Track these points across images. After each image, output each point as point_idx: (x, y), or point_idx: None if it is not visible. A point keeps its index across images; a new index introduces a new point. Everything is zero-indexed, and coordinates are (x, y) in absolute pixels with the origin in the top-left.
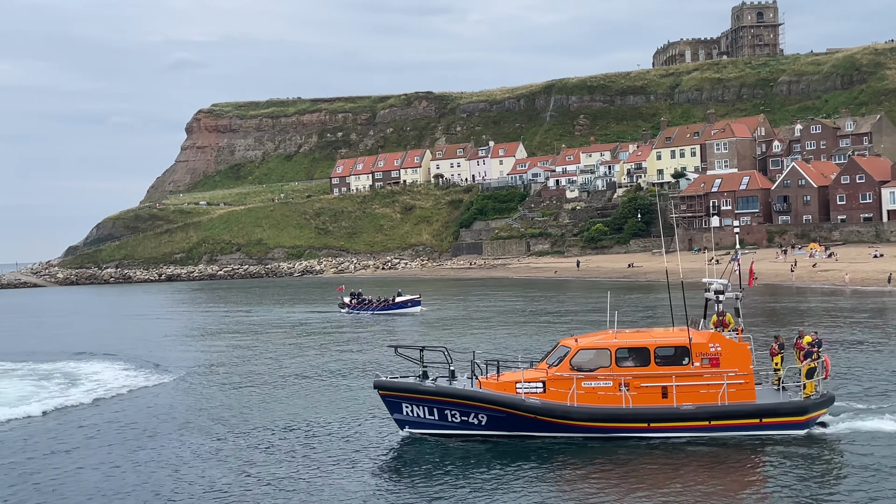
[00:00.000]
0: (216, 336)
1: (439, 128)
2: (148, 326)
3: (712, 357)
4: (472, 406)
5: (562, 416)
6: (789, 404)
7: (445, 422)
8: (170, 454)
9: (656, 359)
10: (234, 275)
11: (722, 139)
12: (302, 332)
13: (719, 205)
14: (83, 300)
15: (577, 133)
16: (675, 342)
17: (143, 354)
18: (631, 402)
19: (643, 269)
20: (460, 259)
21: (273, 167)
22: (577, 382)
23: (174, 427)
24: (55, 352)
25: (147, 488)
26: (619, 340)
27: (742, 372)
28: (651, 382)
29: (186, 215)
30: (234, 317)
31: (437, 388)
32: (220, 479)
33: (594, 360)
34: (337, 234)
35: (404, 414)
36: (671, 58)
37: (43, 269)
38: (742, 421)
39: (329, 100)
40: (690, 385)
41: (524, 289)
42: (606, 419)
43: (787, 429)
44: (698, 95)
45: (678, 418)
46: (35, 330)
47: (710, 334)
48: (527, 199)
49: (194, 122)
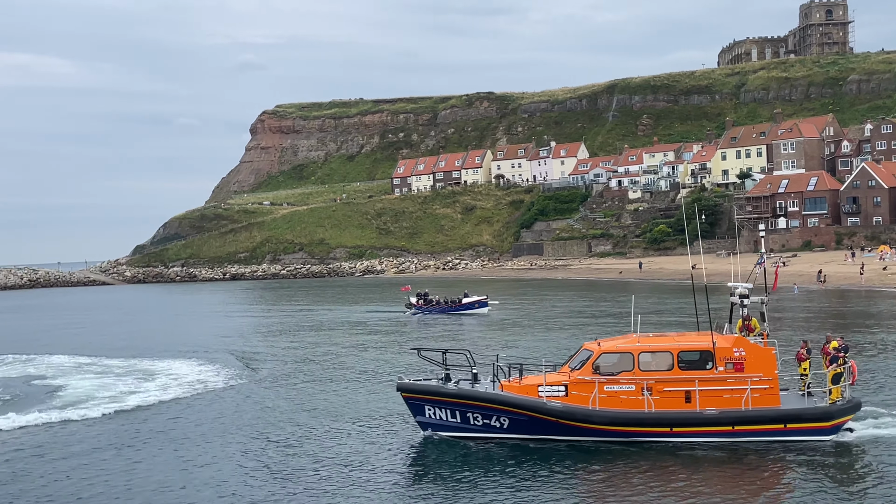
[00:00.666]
0: (286, 334)
1: (500, 128)
2: (218, 325)
3: (736, 362)
4: (493, 409)
5: (583, 420)
6: (814, 410)
7: (467, 424)
8: (223, 454)
9: (680, 363)
10: (297, 274)
11: (789, 139)
12: (366, 331)
13: (786, 206)
14: (152, 298)
15: (639, 133)
16: (699, 346)
17: (215, 352)
18: (653, 406)
19: (707, 270)
20: (521, 260)
21: (335, 167)
22: (598, 386)
23: (232, 428)
24: (130, 348)
25: (198, 485)
26: (643, 344)
27: (766, 377)
28: (674, 387)
29: (250, 215)
30: (301, 316)
31: (459, 390)
32: (237, 477)
33: (617, 364)
34: (398, 235)
35: (427, 416)
36: (737, 56)
37: (111, 267)
38: (766, 426)
39: (391, 100)
40: (714, 389)
41: (587, 290)
42: (628, 423)
43: (812, 435)
44: (765, 95)
45: (701, 423)
46: (110, 327)
47: (735, 339)
48: (588, 200)
49: (258, 122)
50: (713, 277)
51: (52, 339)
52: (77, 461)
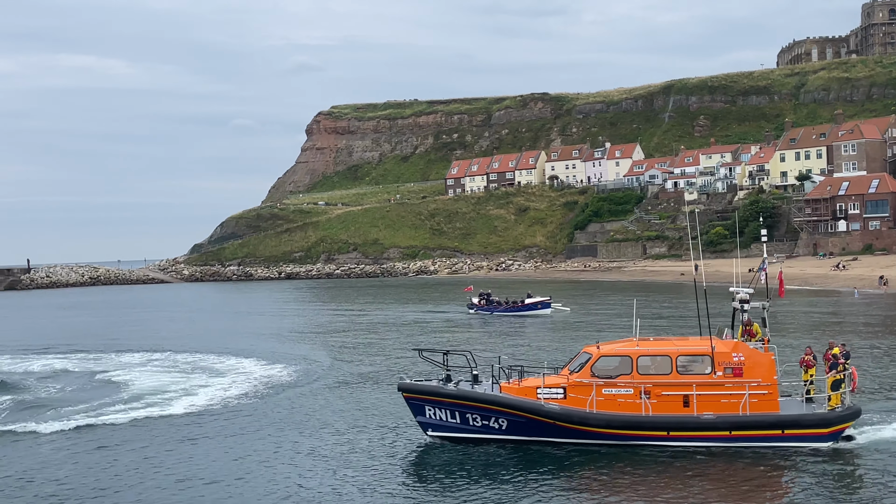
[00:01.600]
0: (346, 333)
1: (555, 129)
2: (281, 323)
3: (735, 367)
4: (492, 410)
5: (580, 423)
6: (812, 416)
7: (467, 425)
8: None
9: (678, 367)
10: (351, 274)
11: (850, 140)
12: (427, 331)
13: (846, 208)
14: (211, 296)
15: (696, 134)
16: (698, 351)
17: (278, 351)
18: (651, 409)
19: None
20: (574, 261)
21: (389, 168)
22: (596, 389)
23: (292, 424)
24: (192, 345)
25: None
26: (641, 348)
27: (765, 382)
28: (672, 391)
29: (306, 215)
30: (362, 315)
31: (459, 391)
32: (252, 474)
33: (616, 368)
34: (451, 235)
35: (427, 417)
36: (796, 57)
37: (169, 265)
38: (763, 432)
39: (445, 101)
40: (712, 394)
41: (645, 292)
42: (625, 426)
43: (810, 441)
44: (825, 95)
45: (698, 427)
46: (176, 325)
47: (734, 343)
48: (643, 202)
49: (314, 123)
50: (771, 280)
51: (119, 336)
52: (145, 456)
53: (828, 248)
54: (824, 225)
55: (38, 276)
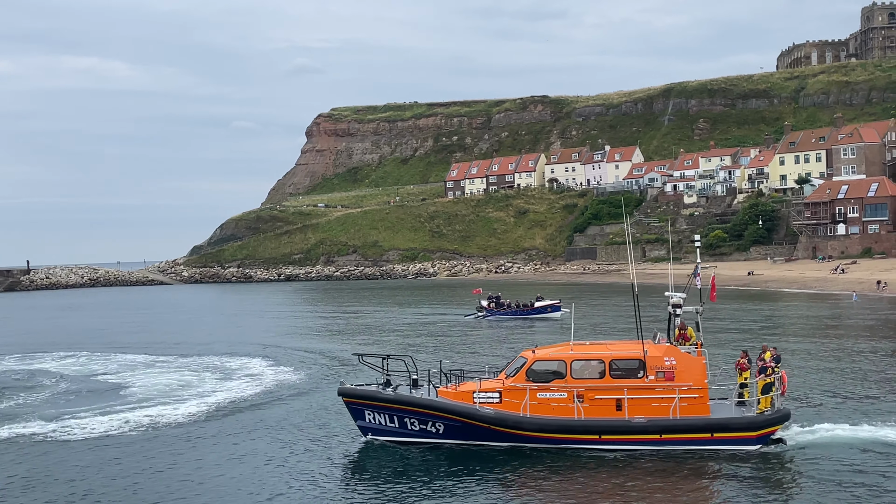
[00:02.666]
0: (359, 334)
1: (554, 132)
2: (283, 325)
3: (667, 371)
4: (429, 414)
5: (514, 427)
6: (741, 419)
7: (405, 429)
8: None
9: (612, 371)
10: (350, 276)
11: (849, 144)
12: (435, 334)
13: (846, 212)
14: (212, 298)
15: (696, 137)
16: (631, 355)
17: (289, 353)
18: (583, 413)
19: (763, 277)
20: (573, 264)
21: (389, 170)
22: (530, 393)
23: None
24: (198, 346)
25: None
26: (575, 352)
27: (696, 386)
28: (605, 395)
29: (305, 217)
30: (368, 317)
31: (396, 396)
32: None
33: (550, 372)
34: (451, 238)
35: (367, 421)
36: (796, 60)
37: (169, 267)
38: (693, 435)
39: (445, 104)
40: (644, 398)
41: (643, 295)
42: (558, 430)
43: (739, 444)
44: (825, 99)
45: (629, 431)
46: (181, 326)
47: (666, 348)
48: (643, 205)
49: (314, 125)
50: (770, 284)
51: (123, 336)
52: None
53: (827, 251)
54: (823, 228)
55: (38, 278)
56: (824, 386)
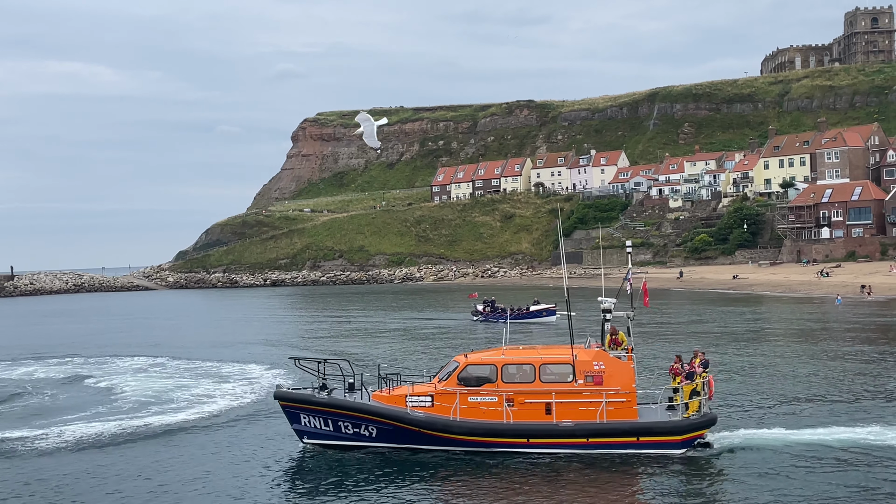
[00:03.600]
0: (353, 338)
1: (540, 136)
2: (271, 330)
3: (596, 375)
4: (361, 418)
5: (443, 430)
6: (665, 424)
7: (339, 433)
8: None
9: (542, 375)
10: (336, 281)
11: (833, 148)
12: (429, 338)
13: (830, 216)
14: (197, 304)
15: (681, 142)
16: (560, 359)
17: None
18: (512, 417)
19: (748, 280)
20: (560, 268)
21: (375, 175)
22: (460, 397)
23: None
24: (193, 350)
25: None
26: (507, 357)
27: (624, 390)
28: (535, 399)
29: (291, 222)
30: (358, 322)
31: (329, 400)
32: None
33: (481, 376)
34: (437, 242)
35: (303, 424)
36: (780, 65)
37: (154, 272)
38: (619, 439)
39: (431, 108)
40: (572, 402)
41: (652, 299)
42: (486, 434)
43: (664, 448)
44: (808, 103)
45: (556, 435)
46: (166, 331)
47: (596, 352)
48: (628, 209)
49: (300, 130)
50: (755, 287)
51: (116, 341)
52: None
53: (811, 255)
54: (808, 232)
55: (22, 284)
56: (768, 390)
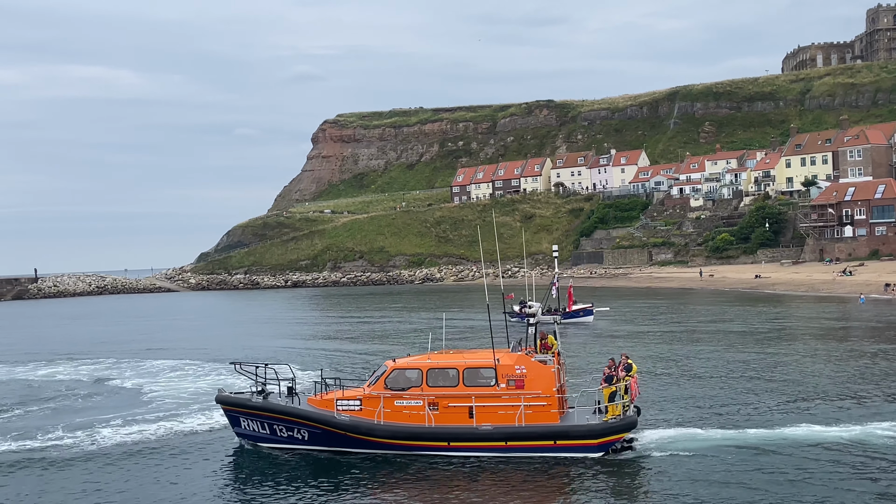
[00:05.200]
0: (389, 339)
1: (560, 136)
2: (314, 331)
3: (517, 379)
4: (293, 422)
5: (367, 433)
6: (581, 427)
7: (275, 436)
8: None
9: (465, 380)
10: (357, 282)
11: (856, 146)
12: (465, 340)
13: (853, 214)
14: (221, 305)
15: (701, 140)
16: (483, 364)
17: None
18: (433, 420)
19: (770, 280)
20: (580, 268)
21: (395, 176)
22: (384, 401)
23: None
24: (217, 352)
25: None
26: (432, 361)
27: (545, 394)
28: (458, 403)
29: (312, 223)
30: (391, 323)
31: (263, 404)
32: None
33: (407, 380)
34: (457, 243)
35: (243, 428)
36: (801, 62)
37: (176, 274)
38: (537, 442)
39: (450, 109)
40: (493, 406)
41: (652, 298)
42: (408, 437)
43: (581, 451)
44: (830, 101)
45: (476, 438)
46: (197, 333)
47: (518, 356)
48: (649, 208)
49: (320, 132)
50: (777, 286)
51: (146, 342)
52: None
53: (834, 253)
54: (830, 230)
55: (46, 286)
56: (698, 392)
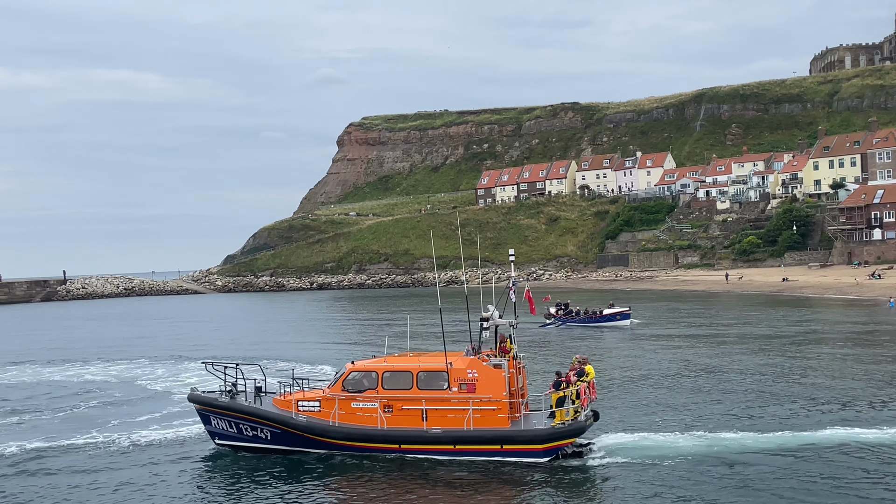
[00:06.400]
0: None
1: (585, 138)
2: (345, 333)
3: (469, 382)
4: (256, 422)
5: (321, 434)
6: (526, 433)
7: (242, 435)
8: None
9: (418, 383)
10: (382, 284)
11: (885, 148)
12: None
13: (882, 216)
14: (250, 307)
15: (728, 143)
16: (436, 367)
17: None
18: (385, 423)
19: (798, 283)
20: (605, 271)
21: (420, 179)
22: (341, 403)
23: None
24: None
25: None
26: (388, 364)
27: (495, 398)
28: (411, 405)
29: (337, 226)
30: (434, 325)
31: (228, 403)
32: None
33: (363, 382)
34: (482, 245)
35: (213, 426)
36: (829, 64)
37: (203, 276)
38: (484, 446)
39: (475, 112)
40: (444, 409)
41: (677, 301)
42: (360, 439)
43: (526, 456)
44: (859, 103)
45: (426, 441)
46: (230, 334)
47: (470, 360)
48: (675, 211)
49: (345, 135)
50: (805, 290)
51: (179, 344)
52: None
53: (863, 256)
54: (859, 233)
55: (74, 288)
56: (666, 398)
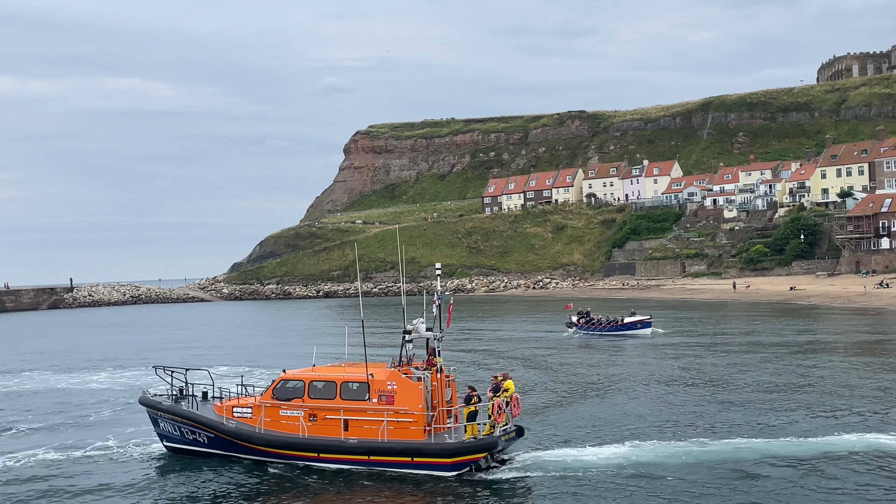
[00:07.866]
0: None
1: (592, 147)
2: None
3: (388, 394)
4: (194, 426)
5: (247, 440)
6: (435, 446)
7: (184, 438)
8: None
9: (341, 393)
10: (388, 292)
11: (892, 157)
12: (526, 354)
13: (889, 225)
14: (258, 315)
15: (735, 151)
16: (358, 378)
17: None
18: (307, 431)
19: (806, 292)
20: (612, 279)
21: (426, 187)
22: (267, 410)
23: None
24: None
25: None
26: (315, 374)
27: (412, 410)
28: (334, 415)
29: (343, 234)
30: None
31: (170, 407)
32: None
33: (291, 391)
34: (488, 253)
35: (161, 429)
36: (837, 73)
37: (209, 284)
38: (395, 458)
39: (482, 120)
40: (363, 419)
41: (684, 310)
42: (282, 446)
43: (435, 469)
44: (867, 111)
45: (342, 451)
46: (245, 342)
47: (390, 372)
48: (682, 219)
49: (352, 143)
50: (812, 299)
51: (193, 351)
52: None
53: (871, 265)
54: (867, 242)
55: (81, 295)
56: (591, 411)
